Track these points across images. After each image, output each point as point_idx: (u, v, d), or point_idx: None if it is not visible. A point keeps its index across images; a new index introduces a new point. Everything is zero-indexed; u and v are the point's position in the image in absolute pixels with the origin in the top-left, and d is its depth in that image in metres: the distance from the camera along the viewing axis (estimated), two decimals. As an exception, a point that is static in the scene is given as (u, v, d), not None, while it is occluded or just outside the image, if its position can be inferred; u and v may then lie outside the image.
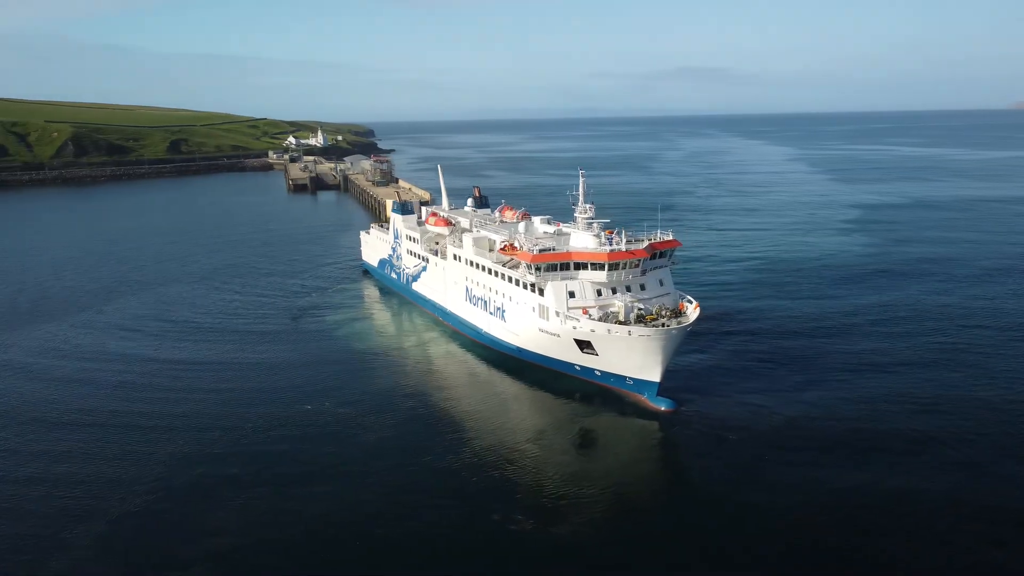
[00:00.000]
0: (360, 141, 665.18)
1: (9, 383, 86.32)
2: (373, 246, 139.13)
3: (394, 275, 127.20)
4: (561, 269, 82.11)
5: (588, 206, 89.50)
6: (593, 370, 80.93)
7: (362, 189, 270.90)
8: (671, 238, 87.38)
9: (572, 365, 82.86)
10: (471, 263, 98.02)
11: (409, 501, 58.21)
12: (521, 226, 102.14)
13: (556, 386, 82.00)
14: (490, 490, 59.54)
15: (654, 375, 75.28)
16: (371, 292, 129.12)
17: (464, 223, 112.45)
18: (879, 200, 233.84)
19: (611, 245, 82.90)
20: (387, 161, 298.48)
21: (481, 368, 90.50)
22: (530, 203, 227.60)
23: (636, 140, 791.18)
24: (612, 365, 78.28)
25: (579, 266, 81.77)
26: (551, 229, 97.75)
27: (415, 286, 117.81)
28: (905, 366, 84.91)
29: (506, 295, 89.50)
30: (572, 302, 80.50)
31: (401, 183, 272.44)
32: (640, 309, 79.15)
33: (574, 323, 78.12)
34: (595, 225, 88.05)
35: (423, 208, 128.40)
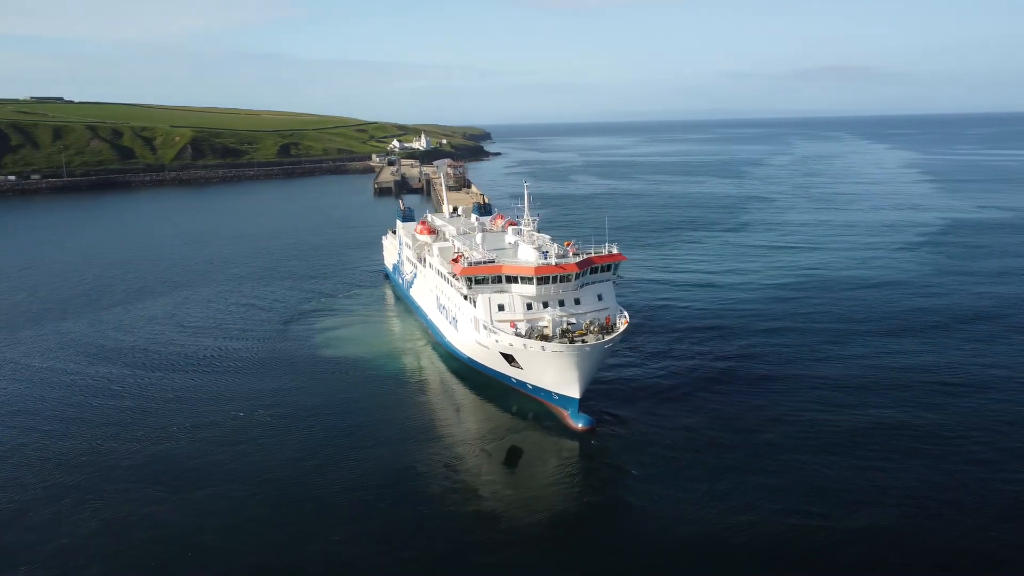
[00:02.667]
0: (468, 145, 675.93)
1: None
2: (390, 251, 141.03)
3: (400, 280, 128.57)
4: (494, 282, 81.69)
5: (532, 218, 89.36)
6: (525, 383, 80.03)
7: (435, 193, 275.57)
8: (615, 252, 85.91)
9: (509, 377, 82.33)
10: (438, 272, 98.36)
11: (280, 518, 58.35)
12: (509, 236, 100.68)
13: (500, 399, 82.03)
14: (382, 510, 58.66)
15: (573, 391, 73.70)
16: (378, 298, 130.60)
17: (450, 231, 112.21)
18: (977, 217, 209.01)
19: (546, 259, 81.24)
20: (461, 166, 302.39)
21: (439, 378, 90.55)
22: (580, 214, 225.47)
23: (750, 144, 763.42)
24: (536, 379, 77.41)
25: (511, 279, 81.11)
26: (535, 241, 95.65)
27: (411, 292, 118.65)
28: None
29: (457, 305, 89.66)
30: (501, 315, 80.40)
31: (473, 188, 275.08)
32: (571, 324, 78.27)
33: (497, 336, 77.88)
34: (537, 237, 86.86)
35: (428, 215, 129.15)
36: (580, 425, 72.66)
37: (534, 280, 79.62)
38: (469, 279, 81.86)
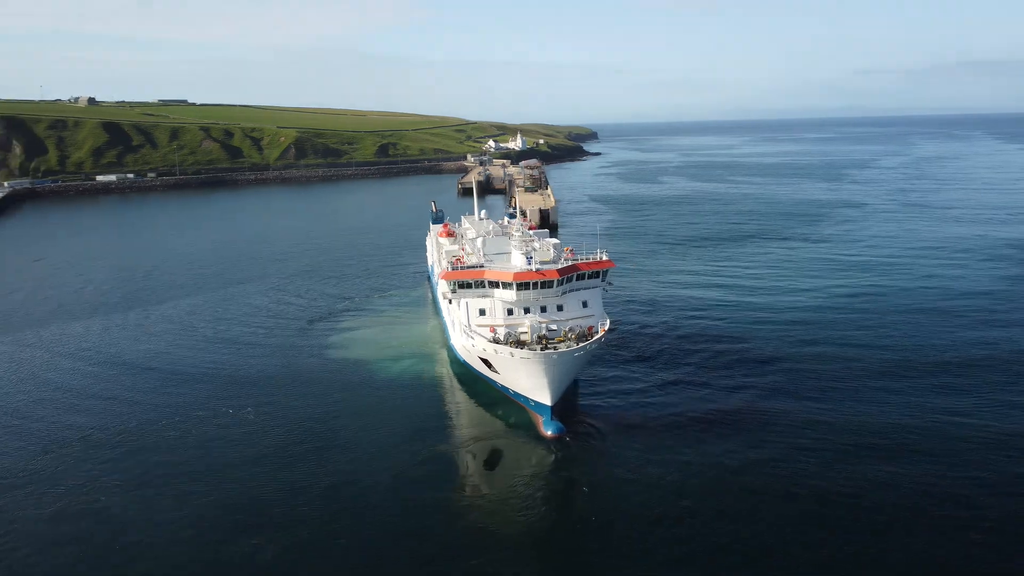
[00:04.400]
0: (567, 145, 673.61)
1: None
2: (430, 252, 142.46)
3: (434, 282, 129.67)
4: (477, 287, 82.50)
5: (523, 223, 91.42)
6: (507, 388, 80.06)
7: (512, 194, 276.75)
8: (604, 259, 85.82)
9: (494, 381, 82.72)
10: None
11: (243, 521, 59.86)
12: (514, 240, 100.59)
13: (490, 404, 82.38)
14: (311, 516, 59.18)
15: (544, 398, 73.40)
16: (414, 299, 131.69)
17: (471, 235, 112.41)
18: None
19: (530, 265, 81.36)
20: (538, 167, 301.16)
21: (438, 381, 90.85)
22: (645, 218, 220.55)
23: (867, 144, 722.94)
24: (513, 384, 77.50)
25: (493, 284, 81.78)
26: (525, 246, 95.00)
27: (438, 294, 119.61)
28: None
29: (448, 309, 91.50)
30: (482, 319, 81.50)
31: (548, 190, 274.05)
32: (551, 330, 78.95)
33: (474, 341, 78.81)
34: (542, 243, 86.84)
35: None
36: (550, 432, 72.42)
37: (514, 286, 80.00)
38: (453, 283, 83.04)
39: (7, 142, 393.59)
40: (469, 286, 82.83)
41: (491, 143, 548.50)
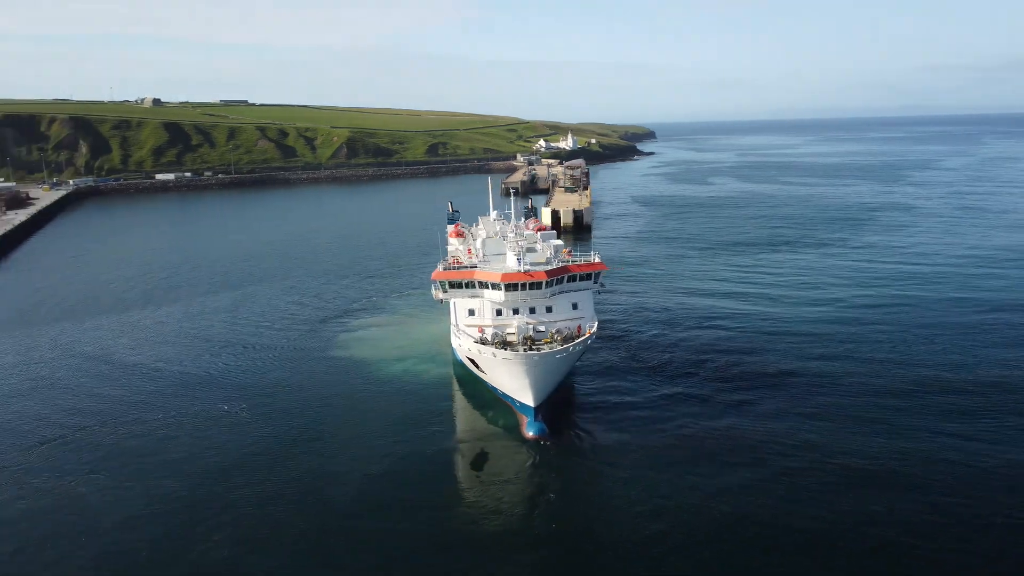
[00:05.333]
0: (620, 144, 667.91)
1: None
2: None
3: None
4: (467, 287, 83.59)
5: (519, 224, 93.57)
6: (496, 388, 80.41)
7: (552, 194, 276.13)
8: (596, 261, 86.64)
9: (485, 381, 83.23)
10: None
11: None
12: (508, 242, 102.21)
13: (484, 404, 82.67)
14: (281, 518, 59.95)
15: (527, 399, 73.79)
16: (425, 300, 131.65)
17: (481, 235, 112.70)
18: None
19: (520, 266, 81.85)
20: (579, 167, 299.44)
21: (435, 380, 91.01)
22: (684, 220, 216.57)
23: (932, 143, 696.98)
24: (499, 384, 77.76)
25: (483, 285, 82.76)
26: (516, 247, 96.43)
27: None
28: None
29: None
30: (471, 319, 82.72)
31: (588, 191, 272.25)
32: (538, 332, 79.76)
33: (460, 340, 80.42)
34: (521, 244, 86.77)
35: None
36: (531, 434, 72.89)
37: (502, 286, 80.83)
38: (442, 283, 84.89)
39: (74, 142, 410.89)
40: (460, 286, 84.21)
41: (541, 143, 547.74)
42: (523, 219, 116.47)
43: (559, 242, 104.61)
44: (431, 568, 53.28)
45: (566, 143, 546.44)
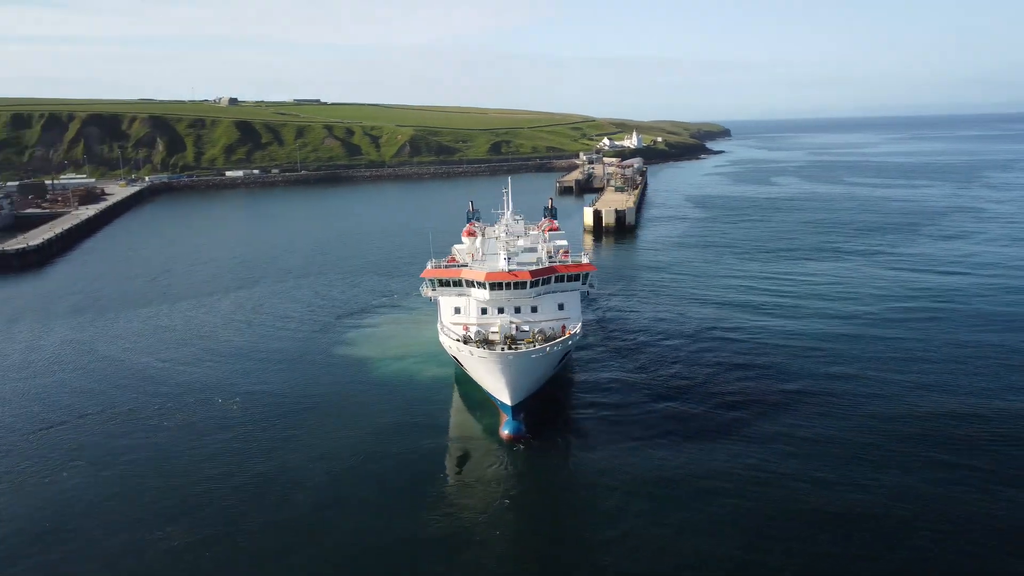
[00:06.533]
0: (687, 143, 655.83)
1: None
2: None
3: None
4: (455, 285, 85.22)
5: (505, 225, 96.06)
6: (481, 386, 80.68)
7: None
8: (584, 262, 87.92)
9: (471, 378, 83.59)
10: None
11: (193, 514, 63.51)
12: (520, 241, 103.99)
13: (474, 403, 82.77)
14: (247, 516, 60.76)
15: (505, 397, 74.13)
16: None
17: (493, 234, 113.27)
18: None
19: (507, 266, 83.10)
20: (631, 167, 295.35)
21: (432, 379, 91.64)
22: (733, 222, 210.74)
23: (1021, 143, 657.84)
24: (481, 382, 78.16)
25: (469, 284, 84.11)
26: (558, 244, 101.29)
27: None
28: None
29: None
30: (457, 318, 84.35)
31: (637, 190, 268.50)
32: (522, 331, 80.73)
33: (443, 338, 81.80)
34: (508, 245, 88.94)
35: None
36: (506, 432, 73.58)
37: (487, 286, 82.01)
38: (431, 281, 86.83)
39: (152, 140, 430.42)
40: (448, 284, 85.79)
41: (605, 141, 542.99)
42: (544, 218, 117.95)
43: (563, 243, 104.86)
44: (384, 567, 53.52)
45: (631, 141, 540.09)
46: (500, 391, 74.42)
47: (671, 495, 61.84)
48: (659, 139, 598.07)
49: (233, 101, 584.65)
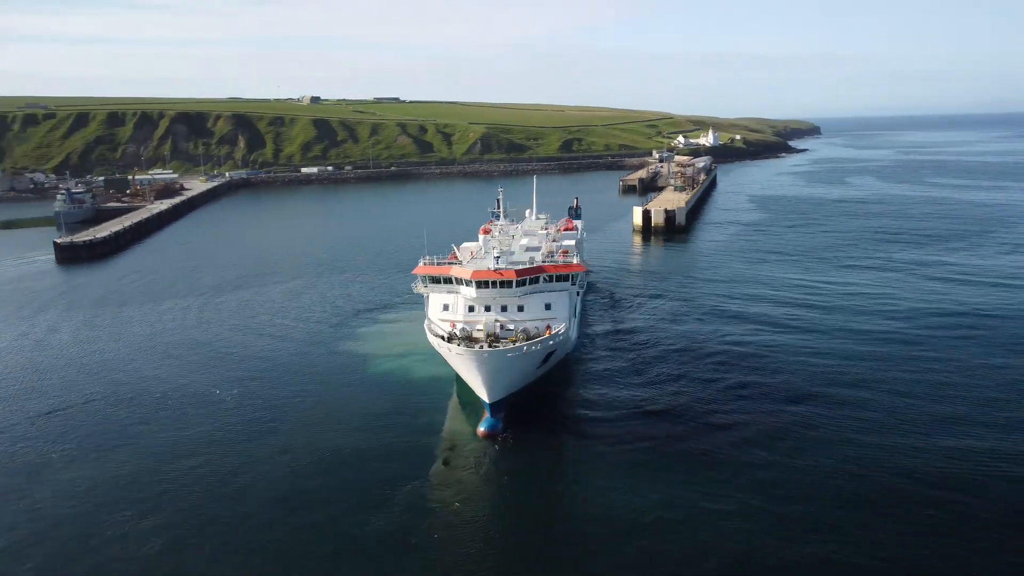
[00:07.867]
0: (767, 141, 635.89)
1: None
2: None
3: None
4: (445, 283, 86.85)
5: (500, 224, 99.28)
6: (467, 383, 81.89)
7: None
8: (573, 263, 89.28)
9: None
10: None
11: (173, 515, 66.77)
12: (521, 240, 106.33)
13: (464, 401, 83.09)
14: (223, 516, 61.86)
15: (483, 394, 75.18)
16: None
17: (509, 233, 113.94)
18: None
19: (495, 264, 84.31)
20: (691, 165, 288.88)
21: (433, 379, 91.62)
22: (789, 223, 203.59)
23: None
24: (465, 379, 78.78)
25: (458, 281, 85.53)
26: (495, 247, 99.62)
27: None
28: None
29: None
30: (445, 314, 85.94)
31: (694, 189, 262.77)
32: (506, 330, 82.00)
33: (427, 335, 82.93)
34: (503, 243, 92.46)
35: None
36: (482, 429, 74.34)
37: (473, 283, 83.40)
38: (423, 278, 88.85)
39: (234, 137, 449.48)
40: (438, 281, 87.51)
41: (680, 139, 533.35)
42: (568, 217, 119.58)
43: (570, 243, 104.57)
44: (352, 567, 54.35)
45: (706, 139, 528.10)
46: (479, 388, 75.56)
47: (658, 501, 60.97)
48: (737, 137, 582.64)
49: (315, 99, 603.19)
